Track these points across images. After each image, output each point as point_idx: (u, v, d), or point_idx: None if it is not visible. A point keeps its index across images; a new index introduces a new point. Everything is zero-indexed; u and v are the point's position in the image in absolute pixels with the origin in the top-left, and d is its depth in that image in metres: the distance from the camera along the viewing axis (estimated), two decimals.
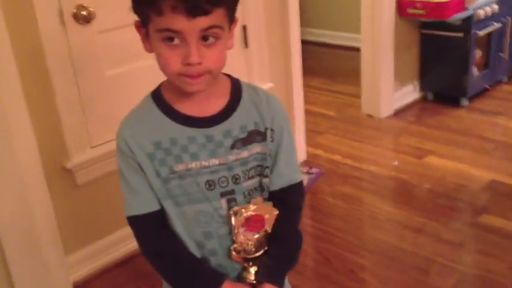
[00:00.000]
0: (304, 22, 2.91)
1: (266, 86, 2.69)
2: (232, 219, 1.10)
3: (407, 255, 2.20)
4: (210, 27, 0.97)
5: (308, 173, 2.85)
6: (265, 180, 1.15)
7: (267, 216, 1.13)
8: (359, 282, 2.09)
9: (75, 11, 1.92)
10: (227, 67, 1.08)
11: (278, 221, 1.16)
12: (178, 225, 1.13)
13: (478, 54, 3.63)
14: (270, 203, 1.16)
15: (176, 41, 0.98)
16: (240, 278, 1.17)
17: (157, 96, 1.12)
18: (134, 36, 1.09)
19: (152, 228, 1.13)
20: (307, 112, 3.09)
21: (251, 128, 1.11)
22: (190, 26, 0.95)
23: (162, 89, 1.12)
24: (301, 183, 1.21)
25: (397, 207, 2.56)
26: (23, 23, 1.83)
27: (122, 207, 1.15)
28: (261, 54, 2.64)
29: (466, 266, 2.12)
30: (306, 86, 3.02)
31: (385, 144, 3.23)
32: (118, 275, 2.22)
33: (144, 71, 2.12)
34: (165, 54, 1.00)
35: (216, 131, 1.09)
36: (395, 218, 2.47)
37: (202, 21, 0.96)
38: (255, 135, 1.11)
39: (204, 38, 0.98)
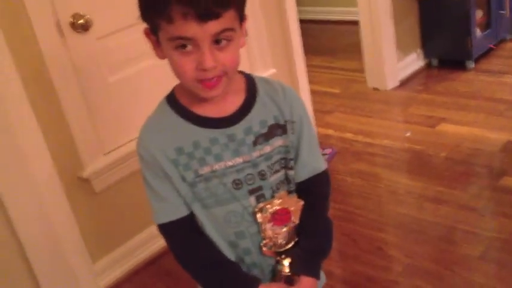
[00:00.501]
0: (299, 1, 2.87)
1: (269, 72, 2.67)
2: (258, 216, 1.10)
3: (431, 226, 2.19)
4: (222, 31, 0.96)
5: (322, 154, 2.83)
6: (291, 173, 1.14)
7: (292, 208, 1.12)
8: (388, 259, 2.08)
9: (72, 20, 1.90)
10: None
11: (307, 211, 1.15)
12: (209, 227, 1.12)
13: (478, 14, 3.59)
14: (294, 195, 1.15)
15: (189, 47, 0.96)
16: (276, 273, 1.17)
17: (172, 101, 1.10)
18: (133, 39, 1.08)
19: (183, 234, 1.13)
20: (312, 92, 3.06)
21: (271, 122, 1.10)
22: (202, 31, 0.94)
23: (177, 93, 1.11)
24: (326, 171, 1.19)
25: (415, 179, 2.54)
26: (22, 39, 1.81)
27: (142, 209, 1.16)
28: (260, 41, 2.61)
29: (493, 231, 2.10)
30: (308, 66, 2.99)
31: (395, 117, 3.21)
32: (147, 276, 2.23)
33: (147, 72, 2.12)
34: (179, 62, 0.98)
35: (237, 130, 1.08)
36: (415, 190, 2.45)
37: (214, 26, 0.94)
38: (276, 129, 1.10)
39: (217, 42, 0.97)
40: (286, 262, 1.15)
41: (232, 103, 1.09)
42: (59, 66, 1.90)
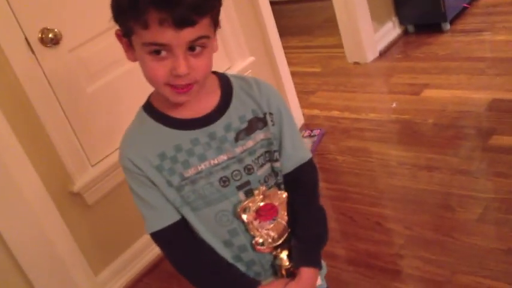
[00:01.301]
0: None
1: (248, 60, 2.64)
2: (243, 216, 1.09)
3: (427, 195, 2.20)
4: (197, 38, 0.95)
5: (310, 136, 2.83)
6: (276, 165, 1.14)
7: (276, 202, 1.12)
8: (387, 233, 2.08)
9: (40, 35, 1.87)
10: None
11: (298, 202, 1.16)
12: (202, 229, 1.11)
13: None
14: (275, 188, 1.14)
15: (163, 53, 0.95)
16: (276, 267, 1.16)
17: (149, 108, 1.10)
18: (105, 46, 1.07)
19: (177, 240, 1.12)
20: (293, 74, 3.04)
21: (250, 116, 1.10)
22: (178, 38, 0.93)
23: (152, 100, 1.10)
24: (311, 159, 1.19)
25: (406, 150, 2.54)
26: None
27: (137, 218, 1.14)
28: (235, 31, 2.58)
29: (489, 192, 2.11)
30: (286, 48, 2.97)
31: (378, 89, 3.20)
32: (151, 281, 2.22)
33: (124, 78, 2.09)
34: (152, 66, 0.97)
35: (217, 127, 1.07)
36: (407, 160, 2.45)
37: (190, 33, 0.93)
38: (256, 123, 1.10)
39: (191, 48, 0.96)
40: (284, 255, 1.15)
41: (209, 103, 1.08)
42: (34, 84, 1.87)
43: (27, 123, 1.88)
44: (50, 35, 1.88)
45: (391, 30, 3.69)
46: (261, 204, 1.09)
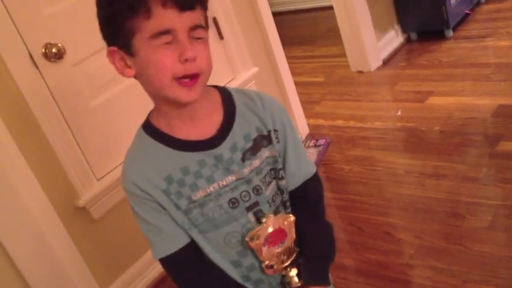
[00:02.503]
0: None
1: (251, 71, 2.64)
2: (251, 243, 1.06)
3: (436, 203, 2.17)
4: (196, 27, 0.96)
5: (315, 145, 2.81)
6: (282, 183, 1.11)
7: (284, 226, 1.09)
8: (397, 242, 2.06)
9: (44, 50, 1.87)
10: None
11: (304, 219, 1.13)
12: (210, 251, 1.09)
13: None
14: (282, 213, 1.12)
15: (171, 43, 0.94)
16: (285, 286, 1.15)
17: (149, 128, 1.06)
18: (108, 60, 1.03)
19: (185, 263, 1.10)
20: (297, 84, 3.02)
21: (254, 134, 1.07)
22: (181, 21, 0.93)
23: (152, 119, 1.06)
24: (315, 174, 1.17)
25: (412, 158, 2.52)
26: None
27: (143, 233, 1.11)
28: (238, 42, 2.58)
29: (498, 199, 2.09)
30: (289, 58, 2.95)
31: (383, 97, 3.19)
32: None
33: (128, 91, 2.09)
34: (159, 58, 0.94)
35: (223, 149, 1.04)
36: (414, 168, 2.43)
37: (191, 17, 0.94)
38: (261, 141, 1.07)
39: (193, 37, 0.96)
40: (293, 273, 1.14)
41: (213, 122, 1.05)
42: (38, 98, 1.87)
43: (31, 138, 1.87)
44: (54, 50, 1.87)
45: (394, 38, 3.69)
46: (270, 230, 1.07)
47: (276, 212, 1.11)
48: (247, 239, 1.06)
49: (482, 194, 2.14)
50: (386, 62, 3.54)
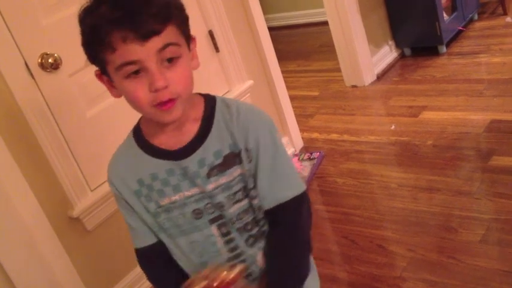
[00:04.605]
0: (265, 10, 2.86)
1: (246, 84, 2.65)
2: None
3: (429, 216, 2.18)
4: (165, 46, 0.94)
5: (310, 159, 2.82)
6: (254, 202, 1.09)
7: (227, 280, 1.04)
8: (390, 255, 2.06)
9: (40, 60, 1.87)
10: (206, 75, 1.05)
11: (274, 244, 1.11)
12: (177, 255, 1.14)
13: None
14: (225, 267, 1.08)
15: (138, 72, 0.94)
16: None
17: (137, 132, 1.11)
18: None
19: (151, 260, 1.16)
20: (292, 98, 3.04)
21: (226, 151, 1.05)
22: (146, 50, 0.92)
23: (141, 123, 1.11)
24: (295, 199, 1.08)
25: (406, 171, 2.53)
26: None
27: None
28: (233, 55, 2.60)
29: (491, 213, 2.10)
30: (284, 72, 2.97)
31: (377, 111, 3.21)
32: None
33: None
34: (130, 89, 0.96)
35: (191, 162, 1.05)
36: (407, 182, 2.44)
37: (156, 42, 0.92)
38: (233, 158, 1.05)
39: (164, 61, 0.95)
40: None
41: (187, 133, 1.05)
42: (33, 109, 1.87)
43: (26, 147, 1.87)
44: (50, 60, 1.88)
45: (388, 53, 3.72)
46: (203, 284, 1.03)
47: (242, 230, 1.09)
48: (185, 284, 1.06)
49: (475, 207, 2.15)
50: (380, 77, 3.57)
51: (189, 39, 1.02)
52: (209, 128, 1.05)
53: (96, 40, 0.93)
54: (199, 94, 1.10)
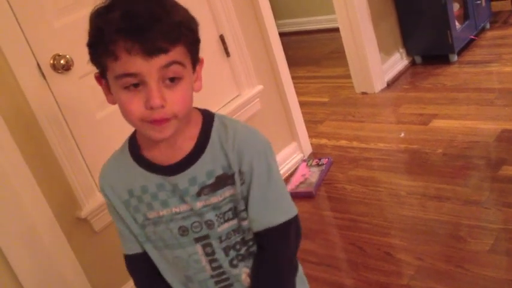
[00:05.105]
0: (276, 15, 2.87)
1: (256, 89, 2.66)
2: None
3: (437, 225, 2.17)
4: (169, 64, 0.91)
5: (318, 164, 2.82)
6: (244, 223, 1.08)
7: None
8: (397, 263, 2.05)
9: (52, 61, 1.88)
10: (216, 80, 1.04)
11: (256, 263, 1.11)
12: (162, 266, 1.13)
13: (456, 7, 3.61)
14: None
15: (136, 87, 0.92)
16: None
17: (132, 141, 1.10)
18: None
19: (138, 268, 1.16)
20: (301, 104, 3.03)
21: (219, 172, 1.03)
22: (149, 66, 0.90)
23: (137, 134, 1.09)
24: (285, 223, 1.07)
25: (415, 179, 2.52)
26: (3, 85, 1.79)
27: None
28: (244, 60, 2.60)
29: (500, 223, 2.08)
30: (294, 78, 2.97)
31: (387, 119, 3.20)
32: None
33: None
34: (125, 100, 0.94)
35: (181, 180, 1.03)
36: (416, 190, 2.43)
37: (161, 59, 0.90)
38: (225, 179, 1.04)
39: (166, 79, 0.93)
40: None
41: (181, 150, 1.03)
42: (44, 109, 1.88)
43: (36, 147, 1.88)
44: (62, 61, 1.89)
45: (399, 61, 3.71)
46: None
47: (228, 249, 1.08)
48: None
49: (484, 217, 2.13)
50: (390, 84, 3.56)
51: (196, 61, 0.99)
52: (204, 147, 1.03)
53: (101, 44, 0.91)
54: (198, 110, 1.07)
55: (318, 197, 2.59)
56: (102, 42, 0.90)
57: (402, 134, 2.91)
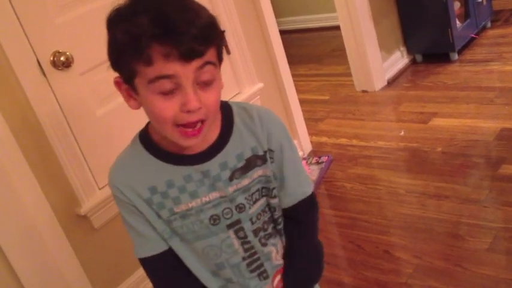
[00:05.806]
0: (277, 13, 2.87)
1: (256, 86, 2.66)
2: None
3: (436, 223, 2.17)
4: (204, 64, 0.91)
5: (318, 162, 2.82)
6: (273, 201, 1.11)
7: None
8: (396, 261, 2.06)
9: (52, 58, 1.88)
10: None
11: (293, 238, 1.14)
12: (190, 259, 1.11)
13: (456, 5, 3.61)
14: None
15: (172, 92, 0.91)
16: None
17: (145, 138, 1.07)
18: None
19: (162, 268, 1.12)
20: (302, 101, 3.04)
21: (248, 154, 1.05)
22: (185, 69, 0.89)
23: (150, 129, 1.07)
24: (312, 195, 1.15)
25: (414, 178, 2.52)
26: (3, 82, 1.79)
27: None
28: (244, 57, 2.60)
29: (499, 222, 2.09)
30: (295, 76, 2.98)
31: (387, 117, 3.20)
32: None
33: None
34: (159, 106, 0.92)
35: (212, 165, 1.03)
36: (415, 188, 2.43)
37: (197, 62, 0.90)
38: (255, 161, 1.06)
39: (200, 81, 0.92)
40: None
41: (207, 138, 1.03)
42: (44, 106, 1.88)
43: (36, 144, 1.88)
44: (62, 58, 1.89)
45: (399, 59, 3.71)
46: None
47: (258, 230, 1.10)
48: None
49: (483, 216, 2.14)
50: (391, 83, 3.56)
51: (221, 59, 0.99)
52: (229, 132, 1.05)
53: (133, 50, 0.88)
54: None
55: (318, 195, 2.59)
56: (135, 47, 0.88)
57: (402, 133, 2.91)
